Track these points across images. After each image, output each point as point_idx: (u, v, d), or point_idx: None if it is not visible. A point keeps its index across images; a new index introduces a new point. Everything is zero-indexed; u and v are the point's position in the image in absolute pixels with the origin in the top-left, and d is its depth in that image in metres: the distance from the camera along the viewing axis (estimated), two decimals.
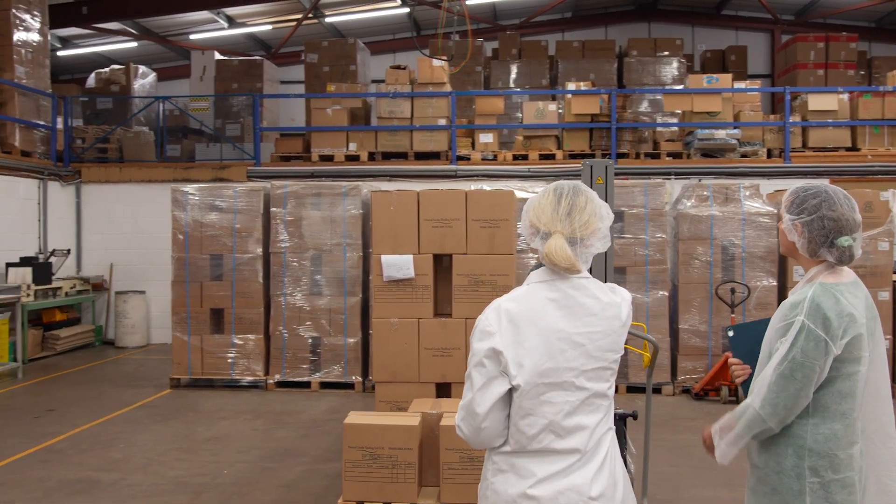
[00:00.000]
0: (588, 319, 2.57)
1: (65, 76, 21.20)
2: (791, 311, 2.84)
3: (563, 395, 2.54)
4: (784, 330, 2.83)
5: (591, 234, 2.59)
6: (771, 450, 2.90)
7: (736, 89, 13.29)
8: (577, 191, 2.63)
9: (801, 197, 2.95)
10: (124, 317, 13.23)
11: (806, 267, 3.01)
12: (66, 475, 6.57)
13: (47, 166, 13.34)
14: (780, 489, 2.87)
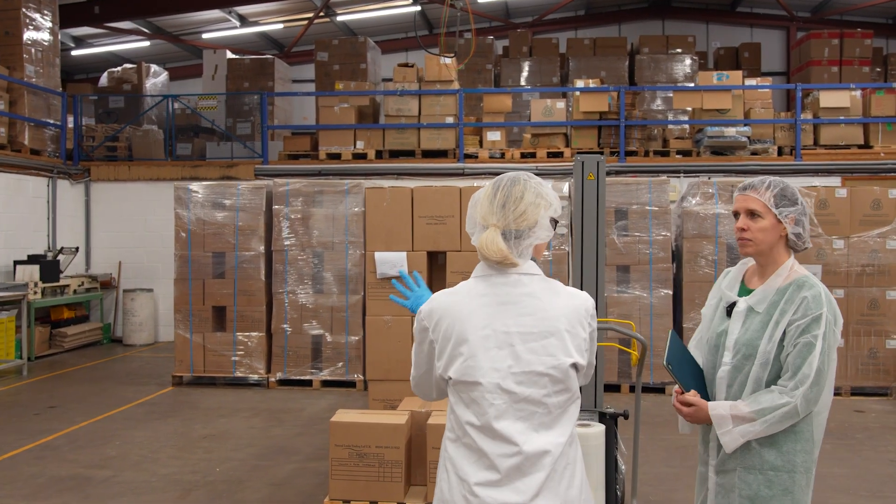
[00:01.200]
0: (522, 319, 2.42)
1: (80, 75, 21.32)
2: (816, 303, 2.84)
3: (489, 395, 2.40)
4: (810, 324, 2.82)
5: (530, 226, 2.45)
6: (781, 450, 2.88)
7: (746, 86, 13.13)
8: (515, 181, 2.49)
9: (783, 189, 2.97)
10: (132, 314, 13.27)
11: (776, 261, 3.00)
12: (59, 472, 6.56)
13: (57, 164, 13.40)
14: (793, 488, 2.87)
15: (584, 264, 5.69)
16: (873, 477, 6.51)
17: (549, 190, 2.51)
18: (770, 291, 2.95)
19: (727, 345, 3.00)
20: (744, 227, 2.98)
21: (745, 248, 3.01)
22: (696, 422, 3.01)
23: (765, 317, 2.93)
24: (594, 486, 5.40)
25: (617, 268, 9.65)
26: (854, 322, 9.33)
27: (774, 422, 2.82)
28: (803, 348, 2.82)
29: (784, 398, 2.81)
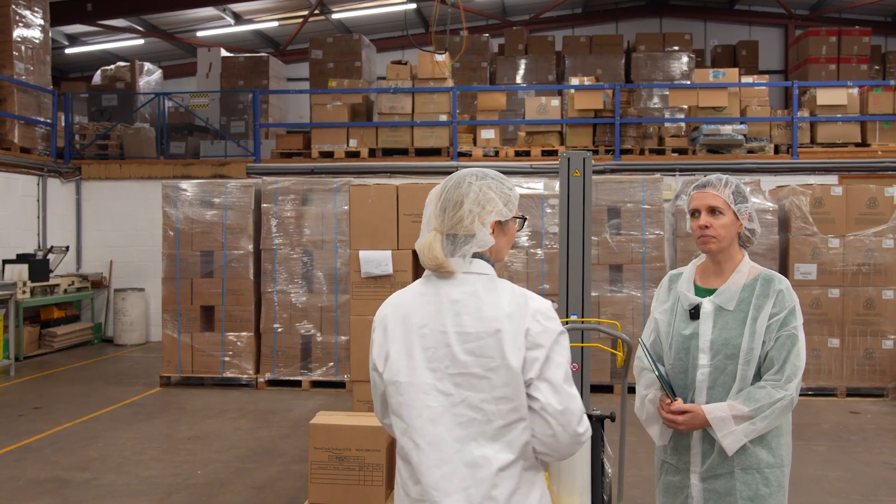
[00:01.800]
0: (460, 319, 2.29)
1: (74, 74, 21.22)
2: (790, 296, 2.89)
3: (423, 397, 2.27)
4: (787, 317, 2.85)
5: (468, 233, 2.33)
6: (771, 446, 2.89)
7: (742, 84, 13.01)
8: (459, 184, 2.37)
9: (738, 187, 3.01)
10: (123, 314, 13.16)
11: (733, 258, 3.00)
12: (38, 474, 6.45)
13: (47, 163, 13.29)
14: (784, 482, 2.92)
15: (570, 263, 5.58)
16: (867, 480, 6.39)
17: (498, 191, 2.38)
18: (735, 289, 2.94)
19: (701, 347, 2.94)
20: (707, 224, 2.95)
21: (707, 245, 2.97)
22: (690, 429, 2.93)
23: (738, 314, 2.91)
24: (580, 490, 5.29)
25: (610, 267, 9.54)
26: (850, 322, 9.21)
27: (773, 417, 2.81)
28: (787, 341, 2.83)
29: (780, 392, 2.79)
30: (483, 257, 2.38)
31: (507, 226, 2.42)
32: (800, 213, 9.24)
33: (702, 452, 2.94)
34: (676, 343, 3.01)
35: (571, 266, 5.58)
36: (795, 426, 7.72)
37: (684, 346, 2.98)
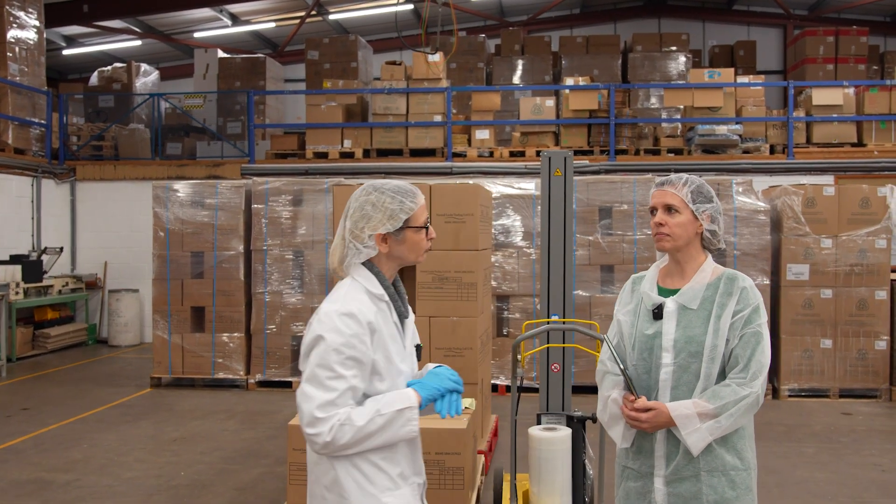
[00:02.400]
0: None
1: (73, 75, 21.24)
2: (754, 294, 2.87)
3: None
4: (751, 315, 2.83)
5: (352, 242, 2.61)
6: (737, 447, 2.85)
7: (737, 84, 12.96)
8: (356, 198, 2.62)
9: (699, 186, 2.97)
10: (117, 315, 13.14)
11: (695, 258, 2.98)
12: (20, 476, 6.43)
13: (41, 164, 13.28)
14: (751, 484, 2.88)
15: (552, 262, 5.55)
16: (855, 482, 6.34)
17: (381, 205, 2.57)
18: (699, 288, 2.91)
19: (664, 346, 2.90)
20: (662, 221, 2.93)
21: (662, 243, 2.95)
22: (653, 428, 2.86)
23: (701, 312, 2.88)
24: (561, 491, 5.24)
25: (601, 267, 9.49)
26: (843, 323, 9.16)
27: (739, 415, 2.76)
28: (751, 338, 2.81)
29: (745, 390, 2.76)
30: (369, 264, 2.61)
31: (402, 235, 2.59)
32: (792, 214, 9.18)
33: (666, 455, 2.88)
34: (639, 343, 2.98)
35: (552, 265, 5.55)
36: (786, 427, 7.72)
37: (647, 346, 2.95)
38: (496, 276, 9.55)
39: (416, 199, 2.61)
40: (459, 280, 6.36)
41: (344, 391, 2.45)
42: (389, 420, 2.46)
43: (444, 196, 6.39)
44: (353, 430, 2.42)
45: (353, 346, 2.46)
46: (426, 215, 2.66)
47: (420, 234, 2.62)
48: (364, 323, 2.50)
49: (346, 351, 2.45)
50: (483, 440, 6.65)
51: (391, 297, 2.64)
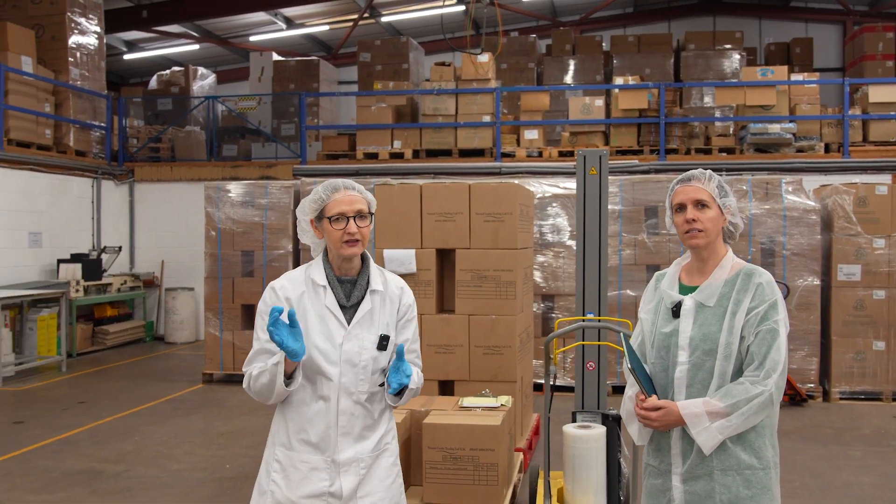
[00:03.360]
0: None
1: (134, 79, 21.79)
2: (771, 289, 2.82)
3: None
4: (768, 311, 2.78)
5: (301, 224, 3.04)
6: (754, 446, 2.81)
7: (790, 81, 12.73)
8: None
9: (721, 181, 2.97)
10: (173, 313, 13.46)
11: (718, 253, 2.95)
12: (73, 466, 6.65)
13: (101, 165, 13.67)
14: (770, 484, 2.82)
15: (587, 261, 5.56)
16: None
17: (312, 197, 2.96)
18: (717, 284, 2.88)
19: (681, 344, 2.88)
20: (694, 217, 2.88)
21: (695, 240, 2.90)
22: (664, 427, 2.86)
23: (718, 309, 2.85)
24: (595, 489, 5.26)
25: (647, 267, 9.44)
26: None
27: (751, 413, 2.73)
28: (767, 335, 2.76)
29: (758, 388, 2.72)
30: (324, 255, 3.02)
31: (321, 224, 2.94)
32: (843, 213, 9.02)
33: (682, 452, 2.86)
34: (658, 341, 2.96)
35: (588, 264, 5.55)
36: (834, 430, 7.62)
37: (665, 344, 2.94)
38: (543, 275, 9.57)
39: (334, 193, 2.92)
40: (498, 278, 6.40)
41: (259, 350, 2.93)
42: (269, 371, 2.82)
43: (483, 195, 6.44)
44: (250, 380, 2.91)
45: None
46: (342, 209, 2.89)
47: (332, 225, 2.89)
48: (282, 298, 2.93)
49: (264, 317, 2.88)
50: (522, 438, 6.68)
51: (330, 283, 2.97)
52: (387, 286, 3.05)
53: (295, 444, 2.92)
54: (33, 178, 12.17)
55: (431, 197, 6.53)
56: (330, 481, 2.89)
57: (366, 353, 2.93)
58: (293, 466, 2.91)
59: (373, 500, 2.94)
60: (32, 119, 12.24)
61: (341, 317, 2.93)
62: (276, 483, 2.93)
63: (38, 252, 12.29)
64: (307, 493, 2.89)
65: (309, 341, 2.88)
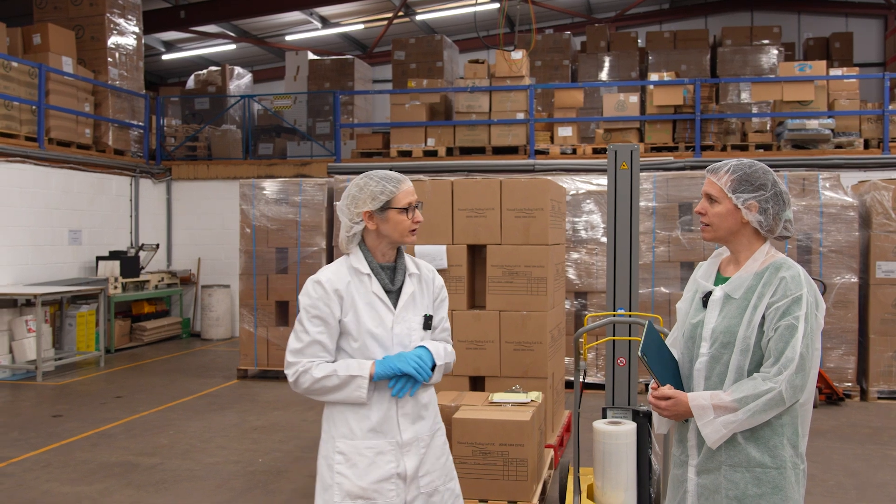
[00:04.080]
0: None
1: (172, 79, 22.07)
2: (796, 284, 2.71)
3: None
4: (790, 306, 2.68)
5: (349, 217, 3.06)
6: (768, 444, 2.72)
7: (829, 76, 12.55)
8: (353, 181, 3.10)
9: (749, 174, 2.82)
10: (209, 310, 13.61)
11: (748, 247, 2.86)
12: (109, 458, 6.76)
13: (139, 164, 13.86)
14: (783, 484, 2.71)
15: (618, 256, 5.53)
16: None
17: (366, 188, 3.02)
18: (747, 277, 2.81)
19: (703, 335, 2.84)
20: (702, 210, 2.87)
21: (703, 234, 2.90)
22: (674, 416, 2.83)
23: (742, 302, 2.78)
24: (625, 485, 5.23)
25: (681, 264, 9.37)
26: None
27: (758, 410, 2.65)
28: (785, 331, 2.66)
29: (767, 384, 2.64)
30: (362, 244, 3.08)
31: (386, 215, 3.01)
32: (882, 209, 8.88)
33: (697, 444, 2.83)
34: (687, 332, 2.93)
35: (619, 259, 5.53)
36: (872, 430, 7.50)
37: (692, 335, 2.91)
38: (577, 272, 9.54)
39: (400, 184, 3.04)
40: (529, 274, 6.39)
41: (309, 343, 2.97)
42: (343, 382, 2.94)
43: (514, 191, 6.43)
44: (311, 381, 2.96)
45: (317, 307, 2.97)
46: (410, 200, 3.05)
47: (402, 215, 3.02)
48: (330, 290, 2.99)
49: (311, 311, 2.97)
50: (553, 435, 6.67)
51: (374, 271, 3.07)
52: (420, 269, 3.20)
53: (358, 432, 2.99)
54: (73, 176, 12.38)
55: (462, 193, 6.54)
56: (396, 463, 2.99)
57: (415, 334, 3.08)
58: (359, 454, 2.98)
59: (431, 478, 3.07)
60: (73, 119, 12.45)
61: (388, 302, 3.05)
62: (342, 475, 2.99)
63: (78, 249, 12.50)
64: (377, 478, 2.97)
65: (362, 328, 2.99)
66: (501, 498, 5.29)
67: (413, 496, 3.02)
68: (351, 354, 3.02)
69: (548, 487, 5.93)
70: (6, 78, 11.12)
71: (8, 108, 11.16)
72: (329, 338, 2.99)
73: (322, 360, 2.98)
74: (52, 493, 5.92)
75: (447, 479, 3.15)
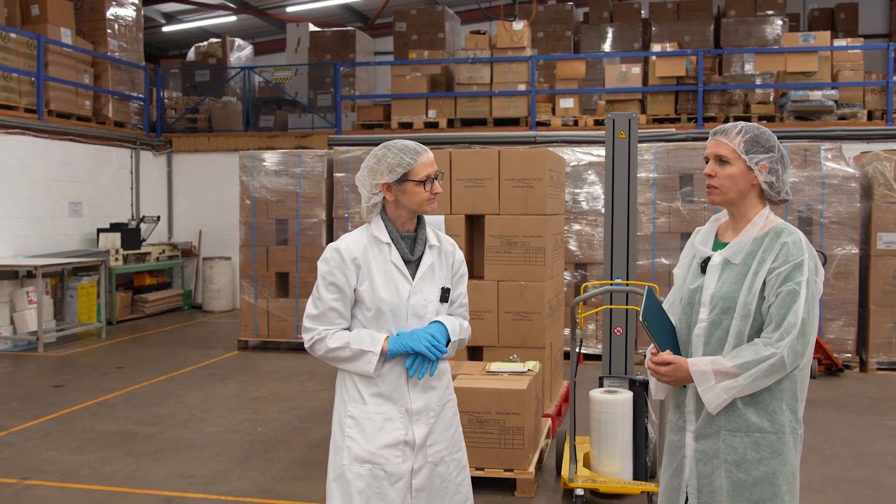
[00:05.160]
0: None
1: (173, 51, 21.90)
2: (797, 249, 2.68)
3: None
4: (791, 271, 2.65)
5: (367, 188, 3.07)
6: (768, 409, 2.71)
7: (833, 47, 12.43)
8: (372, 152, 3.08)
9: (756, 136, 2.79)
10: (211, 282, 13.62)
11: (750, 212, 2.82)
12: (109, 428, 6.79)
13: (140, 136, 13.83)
14: (781, 449, 2.71)
15: (615, 226, 5.51)
16: None
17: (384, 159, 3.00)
18: (746, 242, 2.77)
19: (703, 300, 2.81)
20: (711, 172, 2.81)
21: (711, 196, 2.83)
22: (673, 382, 2.82)
23: (742, 268, 2.76)
24: (621, 454, 5.25)
25: (682, 235, 9.34)
26: None
27: (760, 376, 2.64)
28: (787, 297, 2.64)
29: (769, 350, 2.62)
30: (383, 213, 3.08)
31: (403, 186, 3.00)
32: (883, 180, 8.83)
33: (695, 410, 2.81)
34: (685, 297, 2.90)
35: (616, 228, 5.52)
36: (871, 400, 7.51)
37: (690, 301, 2.88)
38: (578, 243, 9.52)
39: (418, 156, 3.01)
40: (528, 244, 6.37)
41: (325, 310, 3.01)
42: (354, 354, 2.99)
43: (513, 161, 6.40)
44: (325, 349, 3.02)
45: (333, 274, 2.99)
46: (428, 171, 3.02)
47: (419, 187, 3.00)
48: (348, 259, 2.99)
49: (328, 277, 3.00)
50: (551, 404, 6.68)
51: (394, 240, 3.06)
52: (441, 242, 3.19)
53: (368, 398, 3.02)
54: (73, 148, 12.35)
55: (461, 163, 6.51)
56: (405, 430, 3.01)
57: (430, 306, 3.09)
58: (368, 419, 3.01)
59: (438, 448, 3.08)
60: (72, 90, 12.39)
61: (406, 272, 3.05)
62: (351, 438, 3.02)
63: (79, 221, 12.50)
64: (385, 444, 2.99)
65: (376, 297, 3.00)
66: (498, 466, 5.31)
67: (420, 464, 3.03)
68: (363, 324, 3.04)
69: (544, 456, 5.95)
70: (4, 49, 11.06)
71: (7, 80, 11.12)
72: (344, 305, 3.02)
73: (338, 327, 3.03)
74: (52, 461, 5.96)
75: (454, 450, 3.15)
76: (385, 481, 2.99)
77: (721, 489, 2.74)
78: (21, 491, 5.35)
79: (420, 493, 3.04)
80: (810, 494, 5.20)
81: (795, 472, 2.74)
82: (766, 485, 2.68)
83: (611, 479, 5.16)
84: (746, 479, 2.70)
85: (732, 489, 2.71)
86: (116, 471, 5.74)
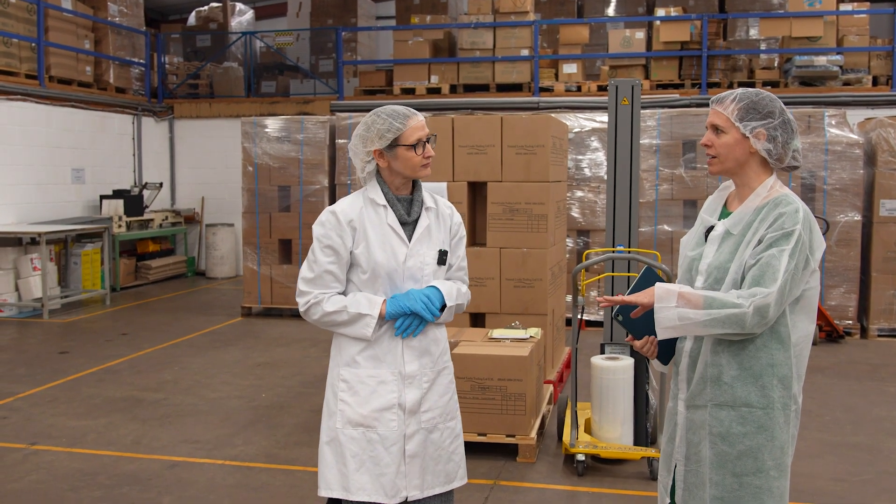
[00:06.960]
0: None
1: (174, 16, 21.71)
2: (791, 220, 2.61)
3: None
4: (778, 239, 2.59)
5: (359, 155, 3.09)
6: (756, 384, 2.65)
7: (838, 12, 12.32)
8: (363, 119, 3.07)
9: (755, 101, 2.71)
10: (214, 248, 13.65)
11: (754, 180, 2.75)
12: (114, 394, 6.85)
13: (141, 102, 13.79)
14: (769, 424, 2.66)
15: (617, 193, 5.52)
16: None
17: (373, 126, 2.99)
18: (747, 212, 2.72)
19: (700, 269, 2.79)
20: (707, 142, 2.77)
21: (710, 167, 2.80)
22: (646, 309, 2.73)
23: (739, 238, 2.71)
24: (622, 419, 5.30)
25: (684, 202, 9.34)
26: None
27: (718, 319, 2.57)
28: (769, 260, 2.58)
29: (738, 300, 2.56)
30: (379, 177, 3.09)
31: (395, 152, 2.99)
32: (887, 147, 8.80)
33: (686, 379, 2.80)
34: (685, 264, 2.89)
35: (618, 195, 5.52)
36: (871, 366, 7.56)
37: (688, 269, 2.86)
38: (581, 210, 9.52)
39: (407, 120, 3.00)
40: (530, 211, 6.37)
41: (321, 273, 3.01)
42: (352, 318, 3.00)
43: (514, 127, 6.39)
44: (321, 313, 3.02)
45: (329, 237, 3.00)
46: (419, 135, 3.01)
47: (410, 151, 2.99)
48: (344, 221, 3.01)
49: (324, 240, 3.01)
50: (553, 371, 6.72)
51: (390, 202, 3.07)
52: (438, 204, 3.19)
53: (360, 361, 3.05)
54: (75, 114, 12.32)
55: (463, 129, 6.49)
56: (398, 393, 3.04)
57: (427, 269, 3.09)
58: (361, 382, 3.04)
59: (432, 415, 3.10)
60: (73, 56, 12.33)
61: (403, 234, 3.05)
62: (344, 402, 3.06)
63: (81, 188, 12.50)
64: (378, 407, 3.02)
65: (373, 259, 3.01)
66: (500, 431, 5.36)
67: (413, 430, 3.05)
68: (359, 287, 3.05)
69: (546, 422, 6.00)
70: (4, 14, 11.00)
71: (7, 46, 11.06)
72: (340, 268, 3.03)
73: (333, 290, 3.03)
74: (58, 426, 6.02)
75: (448, 418, 3.16)
76: (379, 445, 3.01)
77: (706, 459, 2.73)
78: (29, 456, 5.42)
79: (414, 460, 3.05)
80: (808, 460, 5.25)
81: (785, 448, 2.68)
82: (750, 459, 2.65)
83: (611, 444, 5.21)
84: (730, 452, 2.67)
85: (716, 460, 2.69)
86: (122, 436, 5.81)
